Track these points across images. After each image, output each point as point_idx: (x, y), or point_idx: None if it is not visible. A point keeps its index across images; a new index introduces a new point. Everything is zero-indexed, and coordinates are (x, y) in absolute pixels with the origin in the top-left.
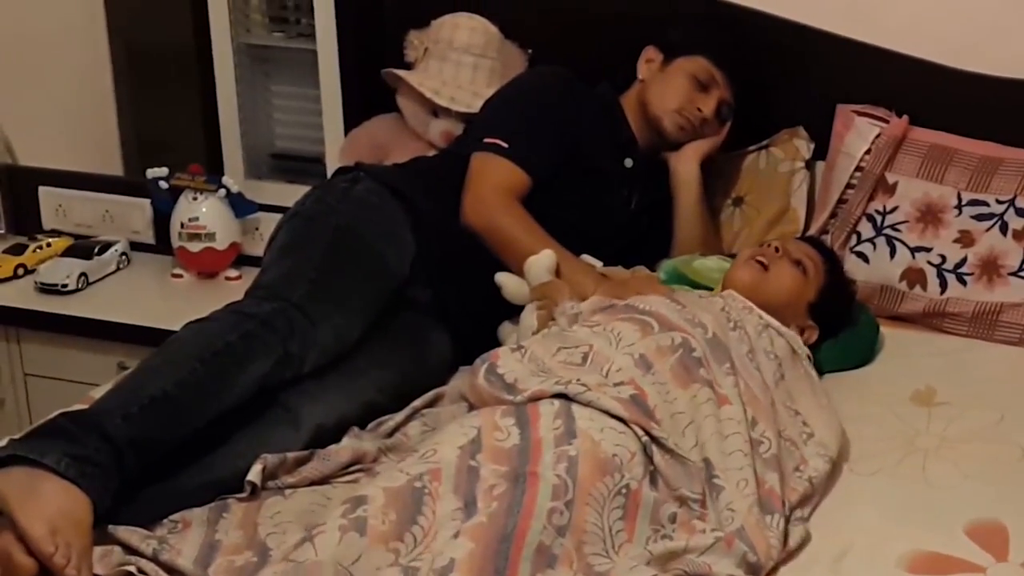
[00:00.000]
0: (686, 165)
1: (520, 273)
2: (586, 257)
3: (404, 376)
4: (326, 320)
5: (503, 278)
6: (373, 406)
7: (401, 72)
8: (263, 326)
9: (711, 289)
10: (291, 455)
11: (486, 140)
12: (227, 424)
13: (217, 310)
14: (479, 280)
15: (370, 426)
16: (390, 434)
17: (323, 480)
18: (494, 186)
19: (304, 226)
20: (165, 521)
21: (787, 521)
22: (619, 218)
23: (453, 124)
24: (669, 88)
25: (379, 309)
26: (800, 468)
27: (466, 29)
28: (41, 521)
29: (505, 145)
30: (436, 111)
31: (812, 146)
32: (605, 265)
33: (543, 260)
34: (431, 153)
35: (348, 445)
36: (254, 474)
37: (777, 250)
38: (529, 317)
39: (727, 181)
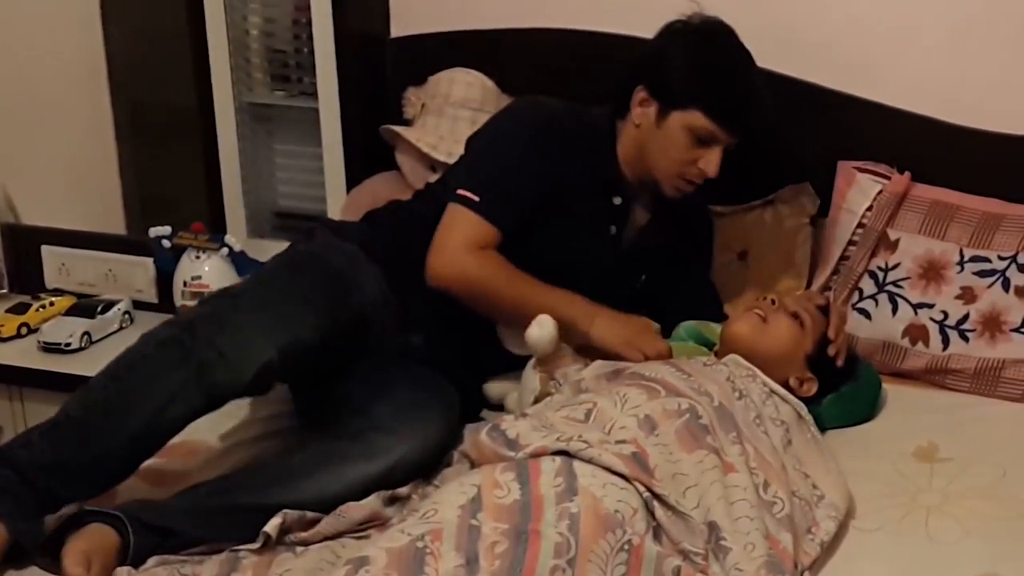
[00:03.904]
0: None
1: (506, 323)
2: None
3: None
4: (262, 310)
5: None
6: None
7: (399, 128)
8: (185, 331)
9: None
10: (310, 514)
11: (458, 192)
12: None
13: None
14: (465, 324)
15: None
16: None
17: (336, 536)
18: (461, 241)
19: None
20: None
21: None
22: (605, 259)
23: None
24: (670, 148)
25: (337, 307)
26: (812, 531)
27: (462, 84)
28: None
29: (476, 199)
30: (434, 166)
31: (817, 202)
32: None
33: (544, 333)
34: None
35: (367, 504)
36: (271, 527)
37: (773, 302)
38: (532, 380)
39: (732, 236)
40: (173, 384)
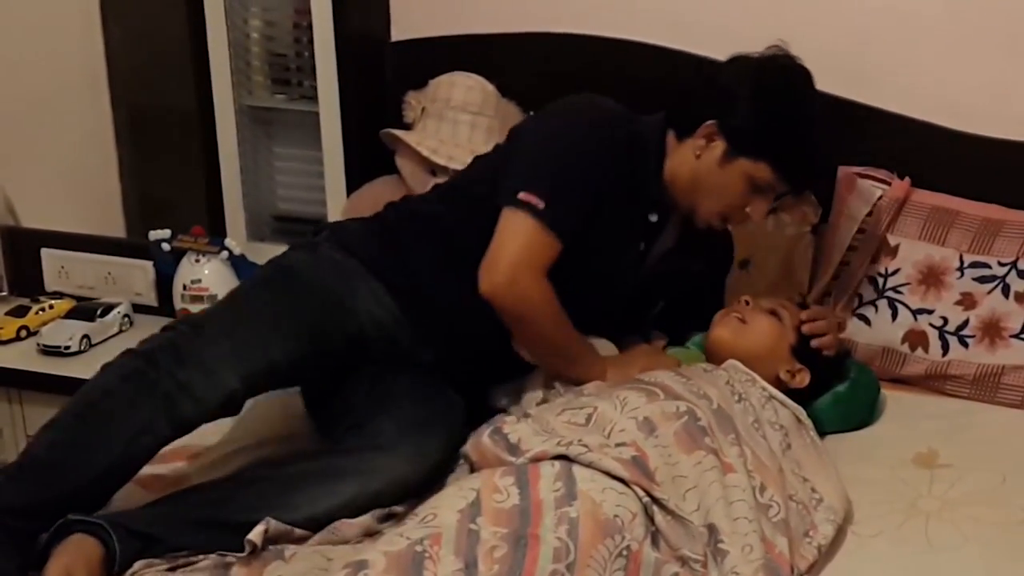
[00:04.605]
0: None
1: (528, 351)
2: (603, 342)
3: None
4: (224, 338)
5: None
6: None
7: (399, 132)
8: (147, 362)
9: None
10: (298, 531)
11: (521, 196)
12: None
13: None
14: (477, 338)
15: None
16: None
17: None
18: (525, 258)
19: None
20: None
21: None
22: (629, 276)
23: None
24: (724, 190)
25: (316, 324)
26: (810, 534)
27: (463, 87)
28: None
29: (541, 205)
30: (434, 170)
31: (819, 211)
32: (622, 338)
33: None
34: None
35: (360, 522)
36: (255, 534)
37: (748, 303)
38: (534, 384)
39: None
40: (141, 418)
